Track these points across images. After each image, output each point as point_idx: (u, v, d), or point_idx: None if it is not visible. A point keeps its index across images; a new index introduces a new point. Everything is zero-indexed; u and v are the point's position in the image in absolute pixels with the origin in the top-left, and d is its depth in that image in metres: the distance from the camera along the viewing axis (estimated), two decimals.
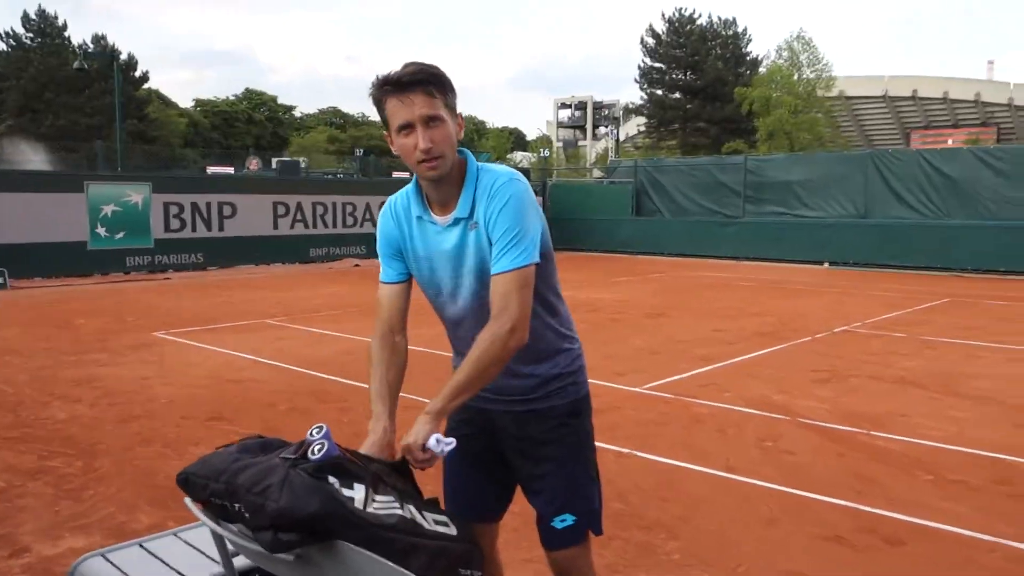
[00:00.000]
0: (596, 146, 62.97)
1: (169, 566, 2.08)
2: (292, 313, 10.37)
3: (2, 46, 43.50)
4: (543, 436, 2.09)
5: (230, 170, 25.47)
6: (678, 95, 46.61)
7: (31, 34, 43.49)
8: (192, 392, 6.20)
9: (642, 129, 52.57)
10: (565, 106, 68.90)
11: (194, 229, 16.13)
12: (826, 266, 17.59)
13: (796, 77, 34.14)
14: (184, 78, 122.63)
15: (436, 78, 1.87)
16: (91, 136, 35.50)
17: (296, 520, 1.47)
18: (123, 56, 41.83)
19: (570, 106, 68.62)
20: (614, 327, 9.37)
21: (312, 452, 1.58)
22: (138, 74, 45.25)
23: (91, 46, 42.08)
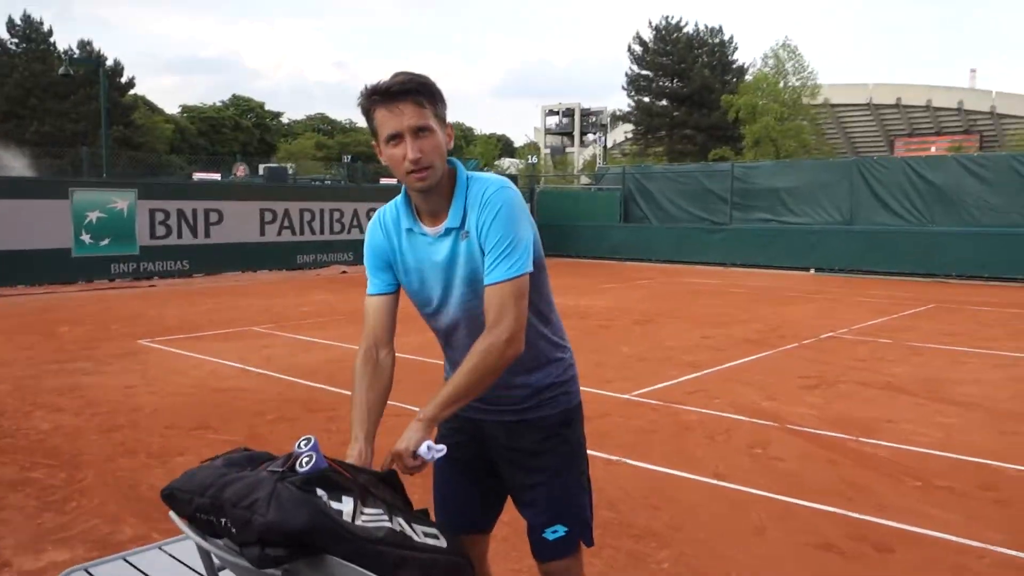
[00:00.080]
0: (584, 153, 63.10)
1: None
2: (279, 320, 10.31)
3: None
4: (535, 446, 2.08)
5: (216, 176, 25.31)
6: (665, 102, 46.68)
7: (16, 39, 43.08)
8: (177, 401, 6.14)
9: (629, 136, 52.66)
10: (553, 113, 69.01)
11: (180, 236, 16.03)
12: (812, 272, 17.68)
13: (782, 85, 34.30)
14: (171, 84, 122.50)
15: (425, 88, 1.85)
16: (76, 142, 35.20)
17: (284, 534, 1.45)
18: (109, 62, 41.54)
19: (558, 113, 68.73)
20: (602, 334, 9.36)
21: (300, 465, 1.55)
22: (124, 80, 44.91)
23: (77, 52, 41.72)
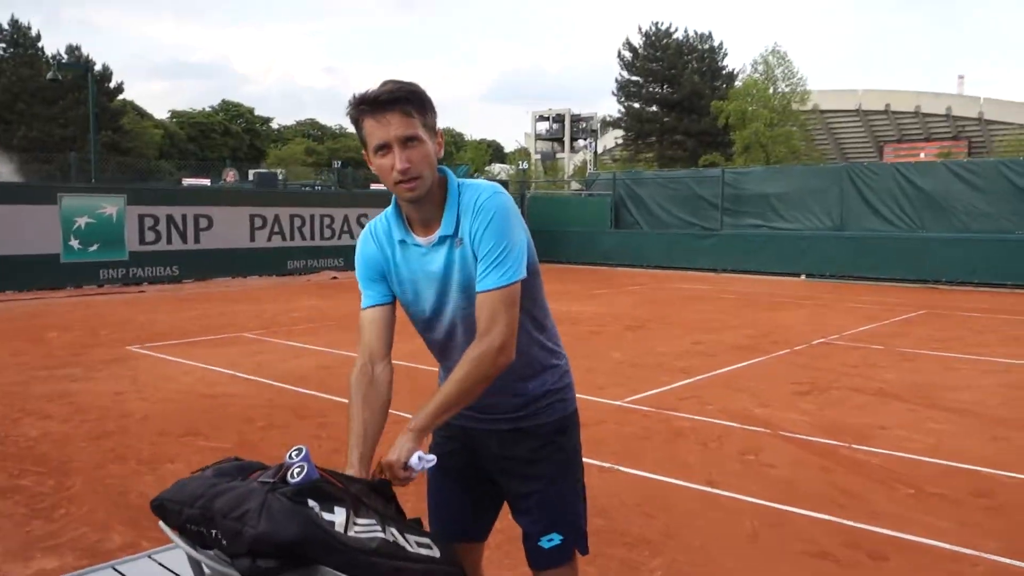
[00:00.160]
0: (574, 158, 63.22)
1: None
2: (269, 326, 10.26)
3: None
4: (530, 454, 2.05)
5: (206, 182, 25.24)
6: (655, 108, 46.84)
7: (3, 44, 42.83)
8: (167, 407, 6.10)
9: (620, 142, 52.76)
10: (543, 119, 69.13)
11: (169, 241, 15.95)
12: (803, 278, 17.73)
13: (771, 91, 34.46)
14: (160, 89, 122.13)
15: (414, 96, 1.82)
16: (65, 147, 35.05)
17: (275, 545, 1.43)
18: (97, 67, 41.42)
19: (548, 119, 68.86)
20: (594, 340, 9.35)
21: (291, 475, 1.53)
22: (113, 85, 44.74)
23: (65, 56, 41.52)
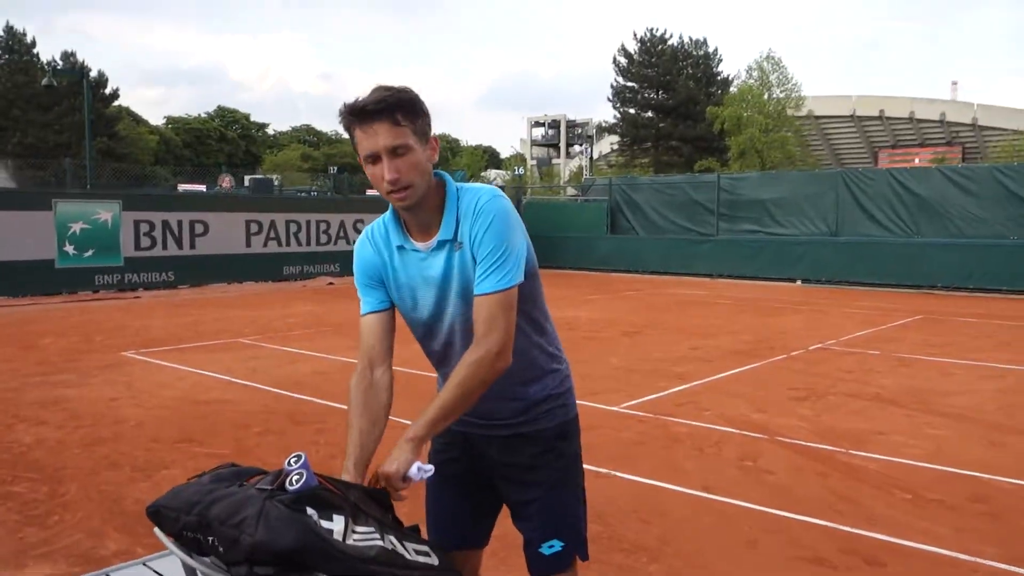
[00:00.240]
0: (570, 164, 63.29)
1: None
2: (265, 332, 10.23)
3: None
4: (531, 461, 2.04)
5: (202, 188, 25.22)
6: (650, 114, 46.95)
7: None
8: (162, 414, 6.07)
9: (615, 147, 52.84)
10: (539, 124, 69.17)
11: (165, 247, 15.93)
12: (799, 283, 17.75)
13: (766, 97, 34.54)
14: (155, 96, 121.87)
15: (403, 104, 1.78)
16: (60, 154, 34.96)
17: (273, 554, 1.42)
18: (93, 73, 41.32)
19: (543, 124, 68.90)
20: (590, 345, 9.34)
21: (290, 482, 1.52)
22: (108, 91, 44.72)
23: (60, 63, 41.52)
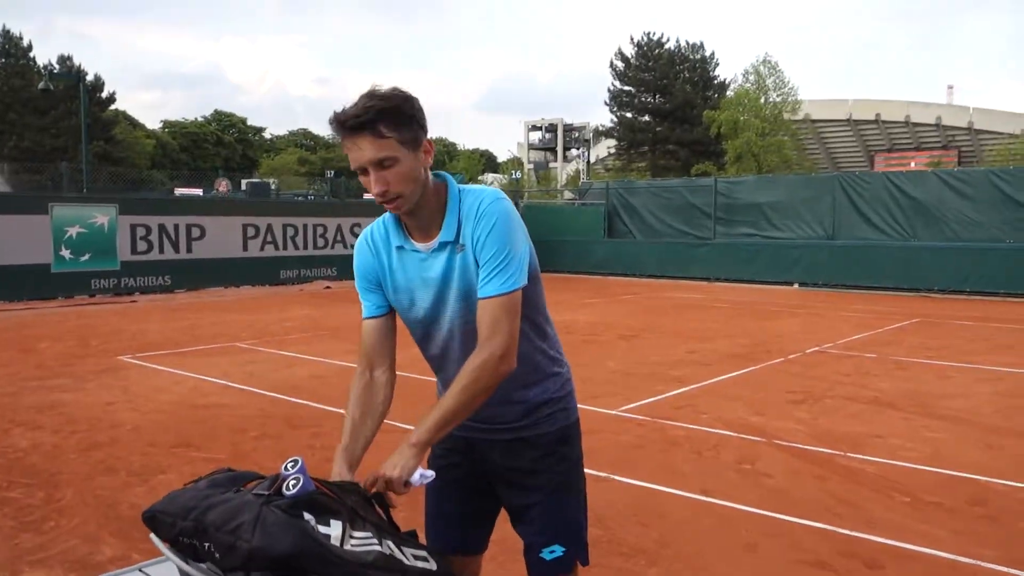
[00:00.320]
0: (567, 168, 63.32)
1: None
2: (262, 336, 10.21)
3: None
4: (532, 465, 2.02)
5: (199, 192, 25.23)
6: (647, 118, 47.03)
7: None
8: (159, 418, 6.05)
9: (612, 151, 52.90)
10: (536, 128, 69.23)
11: (161, 251, 15.91)
12: (796, 287, 17.76)
13: (763, 100, 34.67)
14: (152, 99, 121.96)
15: (385, 114, 1.72)
16: (56, 157, 34.93)
17: (270, 559, 1.41)
18: (89, 77, 41.35)
19: (541, 128, 68.95)
20: (588, 349, 9.34)
21: (287, 487, 1.51)
22: (105, 95, 44.71)
23: (57, 67, 41.46)
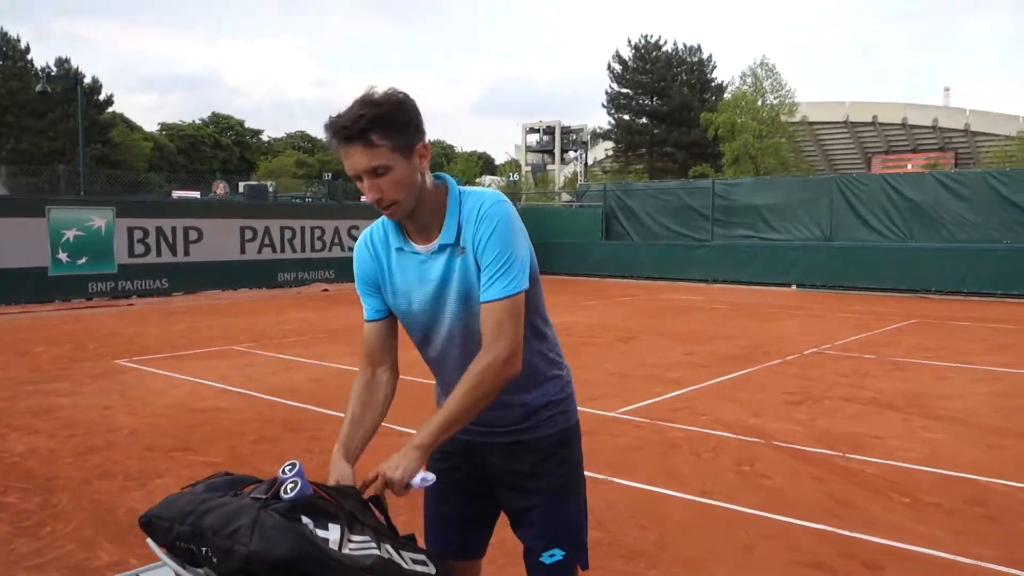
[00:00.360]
0: (565, 170, 63.37)
1: None
2: (260, 339, 10.19)
3: None
4: (532, 468, 2.01)
5: (196, 194, 25.20)
6: (645, 120, 47.06)
7: None
8: (156, 422, 6.03)
9: (610, 153, 52.93)
10: (533, 131, 69.31)
11: (159, 254, 15.88)
12: (794, 288, 17.77)
13: (760, 103, 34.71)
14: (149, 102, 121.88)
15: (376, 123, 1.69)
16: (53, 160, 34.92)
17: (268, 564, 1.40)
18: (87, 79, 41.32)
19: (538, 131, 69.04)
20: (586, 351, 9.33)
21: (284, 491, 1.50)
22: (102, 98, 44.69)
23: (54, 69, 41.39)
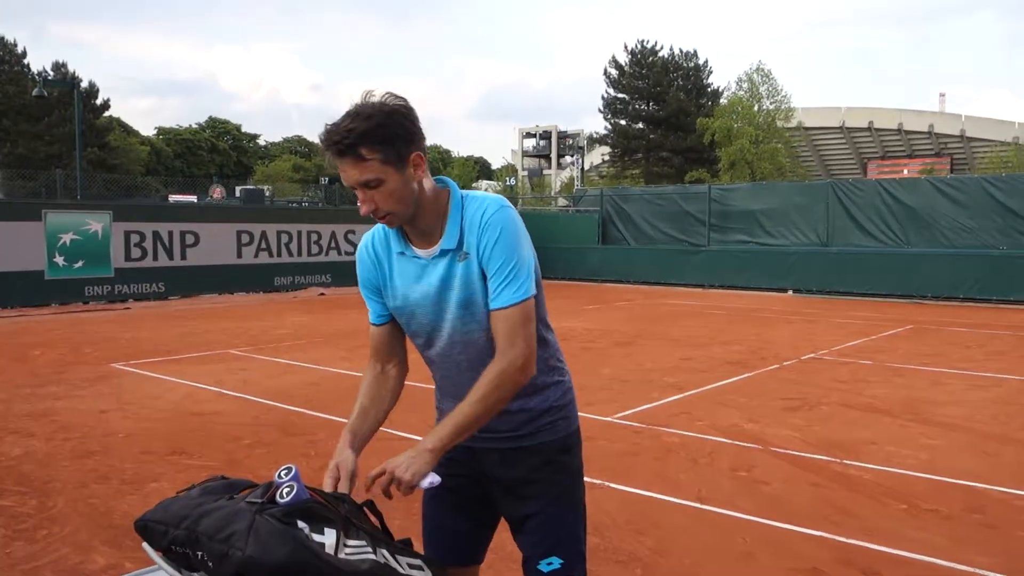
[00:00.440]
0: (561, 175, 63.44)
1: None
2: (257, 343, 10.18)
3: None
4: (532, 475, 1.99)
5: (193, 198, 25.20)
6: (641, 125, 47.05)
7: None
8: (152, 426, 6.02)
9: (606, 158, 52.99)
10: (530, 135, 69.36)
11: (155, 258, 15.87)
12: (790, 293, 17.79)
13: (756, 108, 34.74)
14: (146, 106, 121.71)
15: (366, 136, 1.68)
16: (50, 164, 34.87)
17: (263, 569, 1.39)
18: (84, 84, 41.23)
19: (535, 135, 69.09)
20: (583, 356, 9.32)
21: (280, 495, 1.49)
22: (99, 102, 44.63)
23: (51, 73, 41.41)
